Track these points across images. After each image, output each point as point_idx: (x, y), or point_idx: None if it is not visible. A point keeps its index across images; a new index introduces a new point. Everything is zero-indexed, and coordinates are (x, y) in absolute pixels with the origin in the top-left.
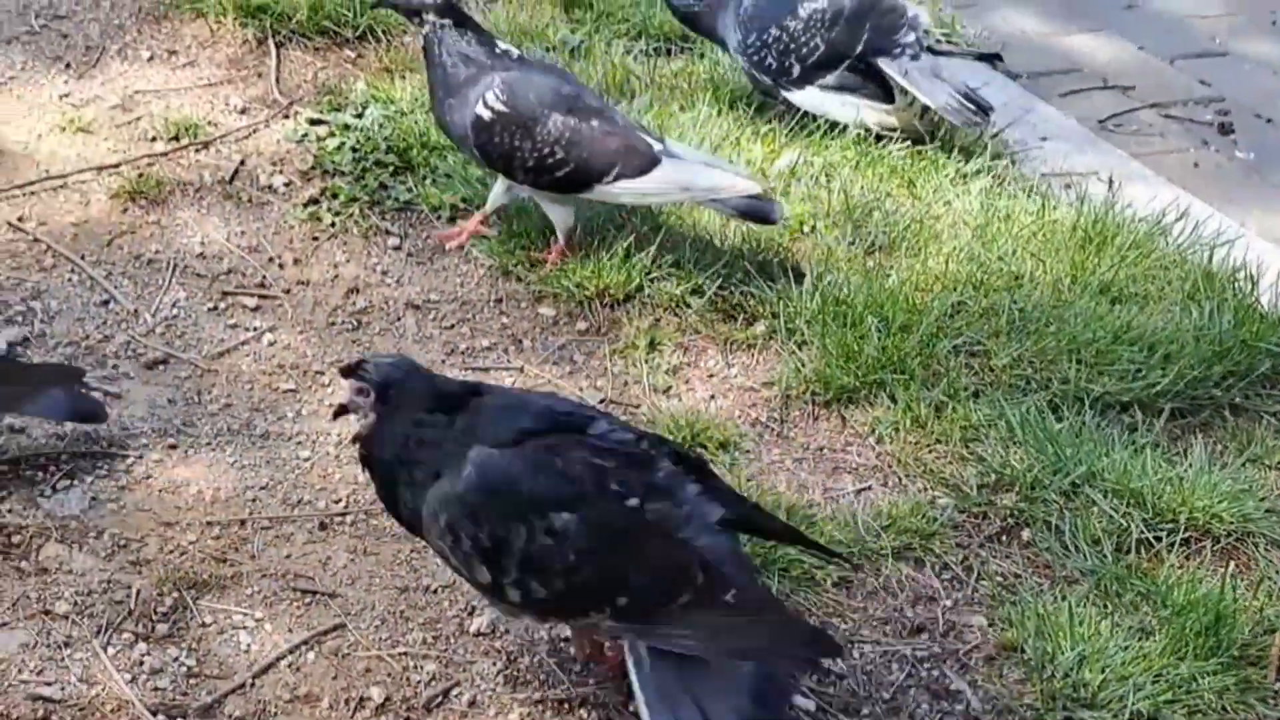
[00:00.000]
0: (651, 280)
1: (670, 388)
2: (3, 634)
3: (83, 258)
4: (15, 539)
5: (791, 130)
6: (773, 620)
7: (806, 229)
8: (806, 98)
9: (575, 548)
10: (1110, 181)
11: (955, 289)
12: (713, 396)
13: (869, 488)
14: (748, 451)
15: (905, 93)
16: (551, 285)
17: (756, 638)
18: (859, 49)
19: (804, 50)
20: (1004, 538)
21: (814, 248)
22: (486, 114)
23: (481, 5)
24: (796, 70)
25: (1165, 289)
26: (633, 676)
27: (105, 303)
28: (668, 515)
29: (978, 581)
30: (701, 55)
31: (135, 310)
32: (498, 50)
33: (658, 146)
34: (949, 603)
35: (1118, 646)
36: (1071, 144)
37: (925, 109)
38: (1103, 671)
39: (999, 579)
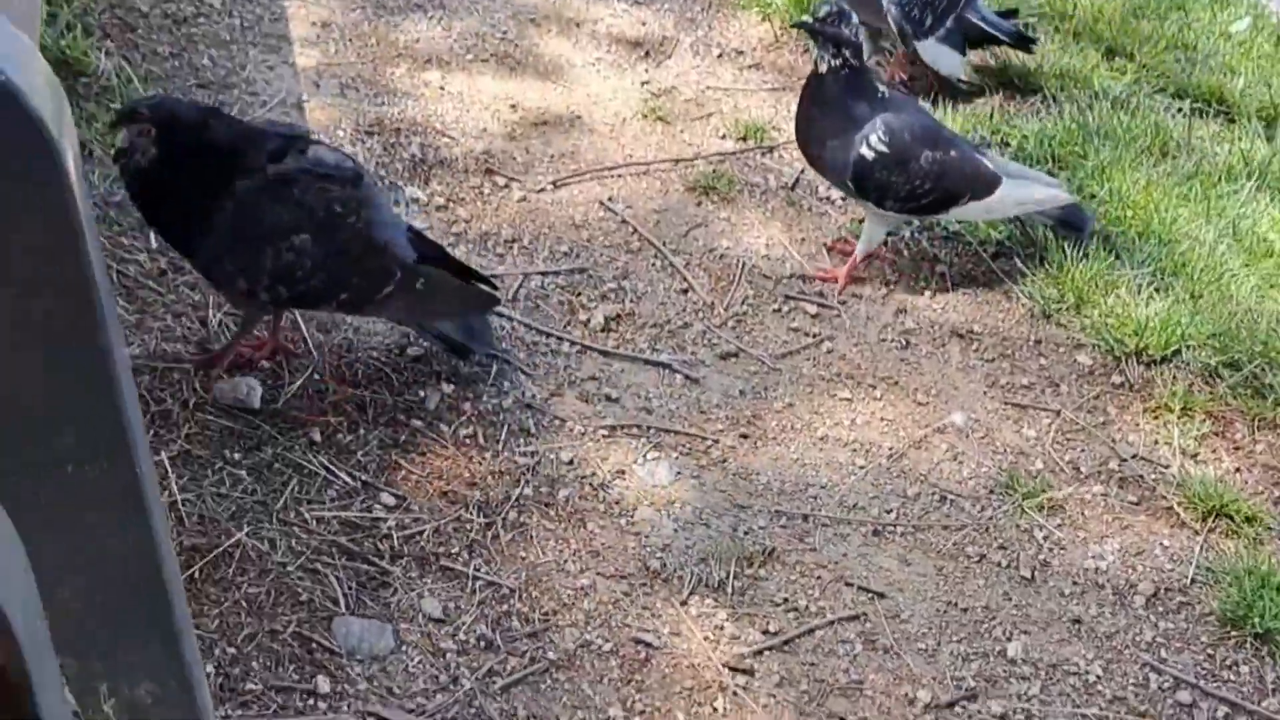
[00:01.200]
0: (1189, 346)
1: (1198, 454)
2: (614, 581)
3: (664, 244)
4: (618, 499)
5: None
6: (453, 291)
7: None
8: (926, 49)
9: (312, 260)
10: None
11: None
12: (1238, 469)
13: None
14: (1270, 529)
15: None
16: (1091, 335)
17: (445, 304)
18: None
19: (936, 1)
20: None
21: None
22: (870, 154)
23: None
24: (929, 20)
25: None
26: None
27: (684, 291)
28: (374, 223)
29: None
30: (1233, 120)
31: (710, 303)
32: (877, 94)
33: (992, 166)
34: None
35: None
36: None
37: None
38: None
39: None
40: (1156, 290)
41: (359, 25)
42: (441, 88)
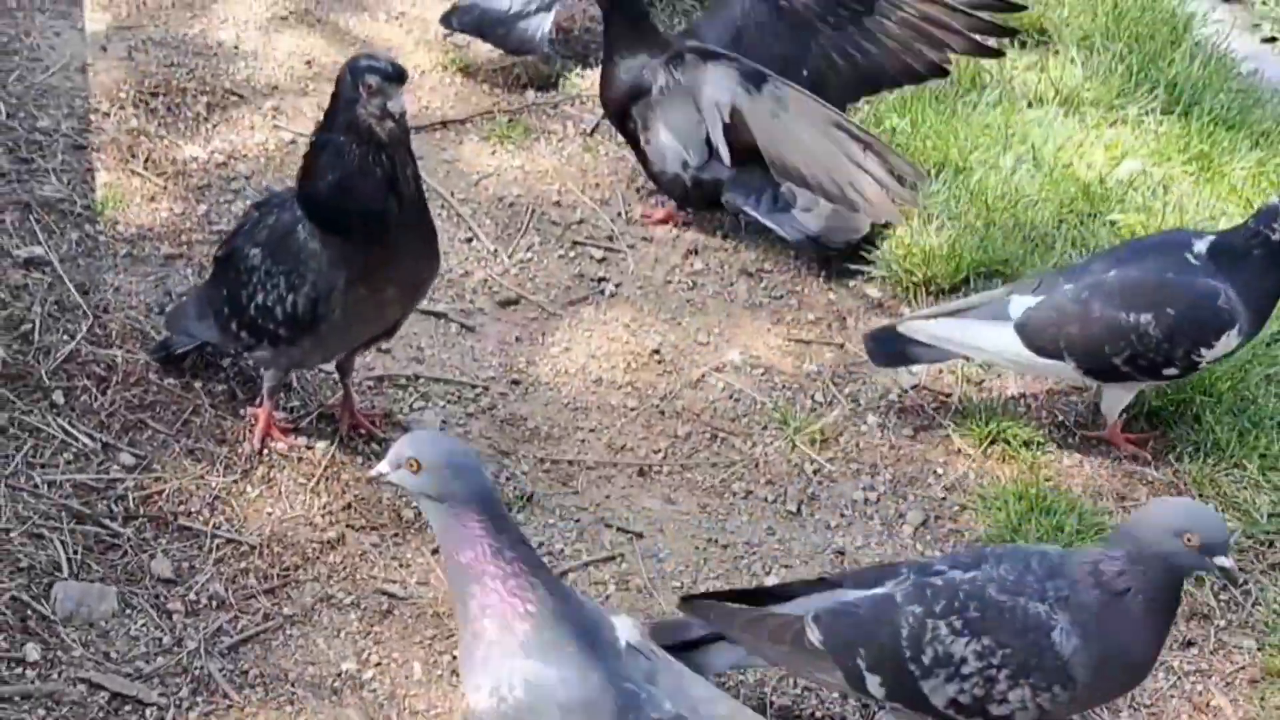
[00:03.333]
0: (980, 274)
1: (983, 380)
2: (363, 533)
3: (452, 194)
4: (377, 452)
5: (1138, 135)
6: None
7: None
8: None
9: None
10: None
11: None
12: (1022, 395)
13: None
14: (1050, 453)
15: None
16: (881, 268)
17: None
18: None
19: None
20: None
21: None
22: None
23: None
24: None
25: None
26: None
27: (469, 240)
28: None
29: (1254, 606)
30: (1056, 52)
31: (494, 250)
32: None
33: None
34: (1222, 622)
35: None
36: None
37: None
38: None
39: (1276, 607)
40: (949, 219)
41: None
42: (235, 47)
